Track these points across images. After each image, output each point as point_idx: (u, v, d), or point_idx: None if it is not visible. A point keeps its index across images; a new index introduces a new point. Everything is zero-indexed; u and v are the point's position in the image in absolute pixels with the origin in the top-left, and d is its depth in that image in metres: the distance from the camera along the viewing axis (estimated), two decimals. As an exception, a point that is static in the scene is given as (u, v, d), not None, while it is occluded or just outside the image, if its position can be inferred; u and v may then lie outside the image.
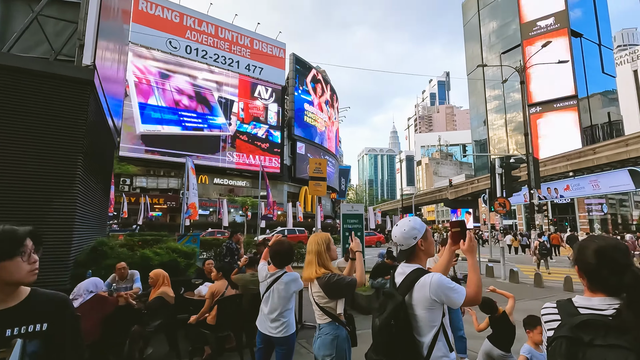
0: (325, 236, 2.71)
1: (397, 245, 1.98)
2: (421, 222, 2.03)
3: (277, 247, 3.10)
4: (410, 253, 1.96)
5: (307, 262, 2.63)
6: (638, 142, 27.33)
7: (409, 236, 1.93)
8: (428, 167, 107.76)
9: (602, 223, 57.04)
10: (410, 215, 62.53)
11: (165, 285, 4.42)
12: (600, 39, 68.58)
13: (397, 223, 2.02)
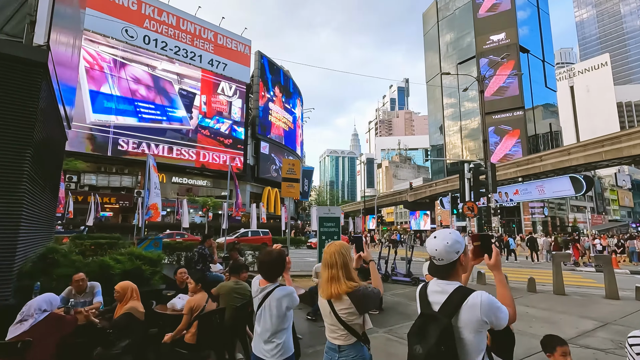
0: (345, 245, 2.42)
1: (435, 259, 1.75)
2: (459, 234, 1.83)
3: (264, 257, 2.75)
4: (451, 269, 1.75)
5: (330, 277, 2.29)
6: (578, 151, 29.94)
7: (452, 250, 1.72)
8: (388, 170, 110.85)
9: (543, 225, 62.05)
10: (371, 216, 63.93)
11: (134, 299, 3.89)
12: (544, 55, 74.75)
13: (434, 235, 1.79)
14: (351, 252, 2.46)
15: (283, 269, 2.74)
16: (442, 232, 1.78)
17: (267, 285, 2.67)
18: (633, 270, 15.36)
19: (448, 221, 64.41)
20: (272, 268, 2.68)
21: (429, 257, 1.83)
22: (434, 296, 1.74)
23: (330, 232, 8.30)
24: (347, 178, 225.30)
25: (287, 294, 2.58)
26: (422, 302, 1.78)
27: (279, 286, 2.64)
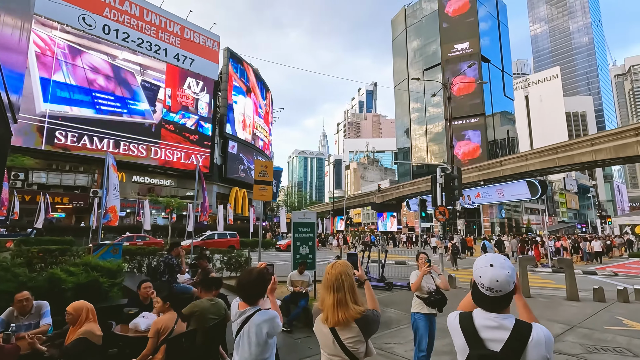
0: (350, 265, 2.15)
1: (492, 290, 1.46)
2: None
3: (242, 277, 2.45)
4: (508, 301, 1.52)
5: (337, 301, 2.01)
6: (535, 157, 31.79)
7: (511, 280, 1.48)
8: (356, 172, 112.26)
9: (501, 226, 65.61)
10: (339, 217, 64.34)
11: (90, 321, 3.39)
12: (503, 65, 79.05)
13: (489, 262, 1.51)
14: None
15: (264, 291, 2.44)
16: (497, 259, 1.53)
17: (246, 308, 2.36)
18: (585, 270, 16.39)
19: (413, 222, 66.26)
20: (251, 289, 2.37)
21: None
22: (489, 332, 1.48)
23: (305, 238, 8.02)
24: (316, 179, 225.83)
25: (268, 319, 2.28)
26: (471, 339, 1.51)
27: (259, 310, 2.34)
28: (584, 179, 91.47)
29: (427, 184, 43.07)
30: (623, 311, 7.93)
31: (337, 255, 10.65)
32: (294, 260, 7.85)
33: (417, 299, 4.53)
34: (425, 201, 16.62)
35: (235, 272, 11.78)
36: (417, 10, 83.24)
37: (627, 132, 25.64)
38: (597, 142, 27.07)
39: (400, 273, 13.19)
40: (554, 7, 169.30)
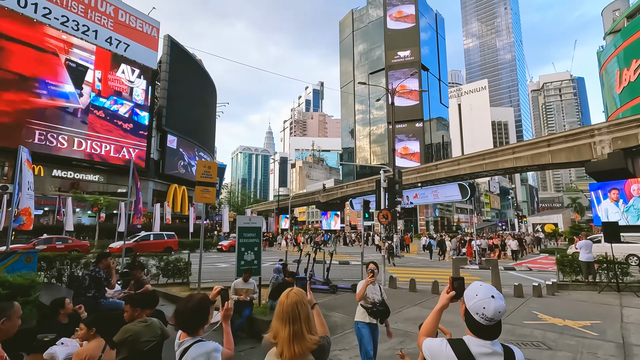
0: (303, 292, 2.03)
1: (492, 320, 1.54)
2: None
3: (179, 306, 2.26)
4: (500, 327, 1.61)
5: (293, 334, 1.85)
6: (466, 162, 34.62)
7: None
8: (301, 170, 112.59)
9: (435, 224, 70.53)
10: (284, 216, 64.09)
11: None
12: (440, 74, 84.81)
13: (490, 294, 1.57)
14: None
15: (205, 320, 2.24)
16: (494, 290, 1.60)
17: (185, 339, 2.16)
18: (506, 267, 18.20)
19: (356, 221, 68.33)
20: (188, 319, 2.16)
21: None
22: (485, 359, 1.57)
23: (251, 244, 7.75)
24: (260, 176, 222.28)
25: (204, 353, 2.09)
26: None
27: (198, 342, 2.14)
28: (505, 182, 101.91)
29: (370, 184, 44.69)
30: (538, 305, 8.90)
31: (281, 259, 10.50)
32: (238, 267, 7.55)
33: (360, 308, 4.57)
34: (368, 202, 17.15)
35: (173, 278, 11.05)
36: (363, 15, 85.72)
37: (541, 142, 29.03)
38: (517, 151, 30.28)
39: (345, 274, 13.42)
40: (484, 24, 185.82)
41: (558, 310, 8.33)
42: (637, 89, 48.66)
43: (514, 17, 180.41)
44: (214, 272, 13.34)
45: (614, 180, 24.16)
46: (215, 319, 2.68)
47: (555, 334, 6.51)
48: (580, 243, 11.77)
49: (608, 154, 24.23)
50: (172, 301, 8.99)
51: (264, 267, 13.33)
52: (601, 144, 24.54)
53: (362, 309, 4.53)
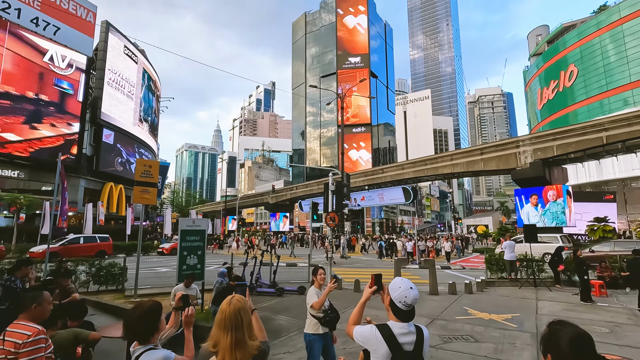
0: (245, 299, 2.02)
1: (411, 306, 1.99)
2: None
3: (128, 313, 2.16)
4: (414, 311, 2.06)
5: (235, 341, 1.81)
6: (410, 167, 36.54)
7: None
8: (251, 170, 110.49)
9: (380, 225, 73.37)
10: (231, 217, 62.33)
11: None
12: (388, 82, 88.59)
13: (409, 286, 2.01)
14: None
15: (155, 327, 2.15)
16: (412, 284, 2.03)
17: (137, 348, 2.06)
18: (443, 266, 19.52)
19: (305, 222, 68.56)
20: (136, 326, 2.07)
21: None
22: (404, 338, 1.96)
23: (194, 247, 7.45)
24: (207, 176, 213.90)
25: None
26: (393, 345, 1.94)
27: (148, 350, 2.06)
28: (444, 186, 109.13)
29: (319, 186, 45.18)
30: (469, 301, 9.68)
31: (226, 262, 10.24)
32: (180, 272, 7.22)
33: (312, 319, 4.13)
34: (317, 205, 17.37)
35: (106, 285, 10.21)
36: (316, 19, 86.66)
37: (475, 151, 31.62)
38: (455, 158, 32.65)
39: (292, 276, 13.43)
40: (428, 38, 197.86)
41: (485, 305, 9.14)
42: (555, 106, 55.18)
43: (455, 33, 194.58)
44: (153, 278, 12.58)
45: (535, 186, 27.11)
46: (173, 328, 2.61)
47: (482, 327, 7.14)
48: (505, 243, 13.03)
49: (530, 163, 27.12)
50: (105, 310, 8.31)
51: (208, 271, 12.87)
52: (524, 154, 27.42)
53: (313, 319, 4.09)
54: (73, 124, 33.48)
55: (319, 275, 4.40)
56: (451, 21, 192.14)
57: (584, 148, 25.31)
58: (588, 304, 9.31)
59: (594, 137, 24.49)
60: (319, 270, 4.47)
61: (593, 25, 49.17)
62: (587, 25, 50.72)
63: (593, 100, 47.85)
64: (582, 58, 49.87)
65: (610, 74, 45.87)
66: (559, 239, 19.53)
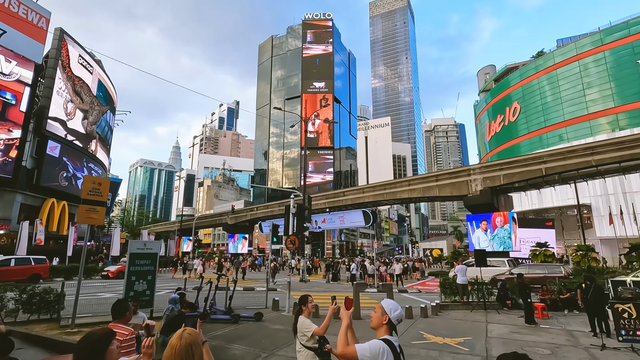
0: (197, 332, 1.93)
1: (399, 321, 2.55)
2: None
3: (76, 343, 2.04)
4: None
5: None
6: (370, 191, 37.45)
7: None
8: (210, 190, 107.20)
9: (340, 248, 73.59)
10: (187, 238, 59.56)
11: None
12: (350, 108, 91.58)
13: (397, 305, 2.58)
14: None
15: (101, 357, 2.00)
16: (399, 305, 2.56)
17: None
18: (400, 289, 19.85)
19: (264, 244, 67.13)
20: (84, 355, 1.94)
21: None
22: (398, 348, 2.40)
23: (144, 272, 6.99)
24: (163, 194, 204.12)
25: None
26: (396, 355, 2.33)
27: None
28: (402, 210, 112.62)
29: (280, 207, 44.76)
30: (424, 326, 9.87)
31: (179, 288, 9.70)
32: (127, 292, 6.70)
33: (306, 351, 3.65)
34: (277, 227, 17.15)
35: (39, 314, 9.18)
36: (283, 43, 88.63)
37: (431, 177, 33.20)
38: (413, 183, 34.02)
39: (249, 302, 12.94)
40: (389, 69, 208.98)
41: (439, 329, 9.37)
42: (501, 138, 59.89)
43: (413, 66, 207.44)
44: (95, 305, 11.50)
45: (484, 213, 28.83)
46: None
47: (437, 351, 7.28)
48: (457, 267, 13.59)
49: (480, 191, 28.94)
50: (35, 343, 7.43)
51: (159, 296, 12.10)
52: (475, 182, 29.26)
53: (309, 352, 3.62)
54: (14, 130, 30.83)
55: (309, 304, 4.03)
56: (410, 55, 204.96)
57: (526, 178, 27.51)
58: (532, 326, 9.86)
59: (535, 168, 26.77)
60: (308, 298, 4.08)
61: (532, 68, 54.77)
62: (527, 67, 56.40)
63: (534, 134, 52.59)
64: (524, 96, 55.03)
65: (548, 112, 50.93)
66: (506, 263, 20.73)
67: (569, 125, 47.89)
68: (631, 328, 7.53)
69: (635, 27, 43.11)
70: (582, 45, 48.14)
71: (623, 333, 7.56)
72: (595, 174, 27.05)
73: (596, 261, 25.06)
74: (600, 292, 8.93)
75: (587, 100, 46.30)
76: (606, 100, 44.56)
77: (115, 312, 3.75)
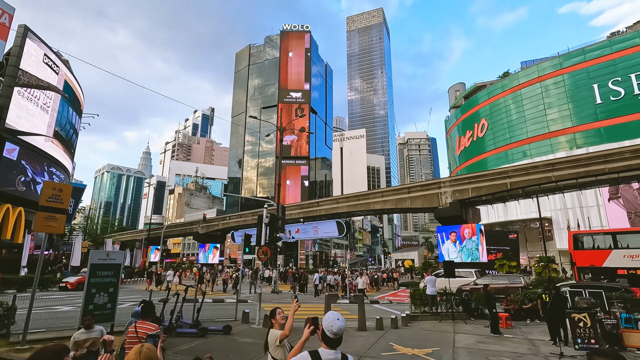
0: (155, 349, 1.88)
1: (337, 335, 2.38)
2: None
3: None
4: (341, 340, 2.47)
5: None
6: (344, 202, 37.68)
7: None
8: (181, 197, 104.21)
9: (313, 258, 73.25)
10: (154, 247, 57.34)
11: None
12: (327, 119, 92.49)
13: (337, 317, 2.41)
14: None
15: None
16: (339, 315, 2.44)
17: None
18: (372, 300, 19.97)
19: (237, 254, 65.70)
20: None
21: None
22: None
23: (105, 284, 6.64)
24: (131, 201, 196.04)
25: None
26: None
27: None
28: (375, 221, 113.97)
29: (253, 217, 44.07)
30: (394, 337, 9.95)
31: (143, 300, 9.25)
32: (85, 312, 6.33)
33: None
34: (250, 236, 16.87)
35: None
36: (261, 52, 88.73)
37: (404, 189, 33.93)
38: (386, 195, 34.60)
39: (218, 314, 12.53)
40: (365, 82, 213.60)
41: (409, 340, 9.47)
42: (470, 153, 62.35)
43: (388, 80, 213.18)
44: (50, 319, 10.73)
45: (454, 224, 29.71)
46: None
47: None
48: (427, 278, 13.86)
49: (450, 203, 29.83)
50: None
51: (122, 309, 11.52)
52: (445, 194, 30.17)
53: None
54: (-34, 134, 28.77)
55: (278, 316, 3.96)
56: (385, 69, 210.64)
57: (493, 192, 28.69)
58: (497, 335, 10.18)
59: (501, 182, 27.99)
60: (277, 310, 4.04)
61: (499, 87, 57.75)
62: (494, 86, 59.41)
63: (500, 150, 55.15)
64: (491, 114, 57.77)
65: (513, 129, 53.69)
66: (473, 274, 21.38)
67: (532, 142, 50.59)
68: (586, 336, 7.94)
69: (590, 54, 46.60)
70: (543, 68, 51.38)
71: (579, 341, 7.96)
72: (555, 189, 28.61)
73: (556, 272, 26.34)
74: (561, 302, 9.38)
75: (548, 120, 49.24)
76: (565, 120, 47.59)
77: (143, 312, 4.85)
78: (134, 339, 4.31)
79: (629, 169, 23.29)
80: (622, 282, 15.52)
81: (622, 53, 43.66)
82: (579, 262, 18.12)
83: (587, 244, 18.45)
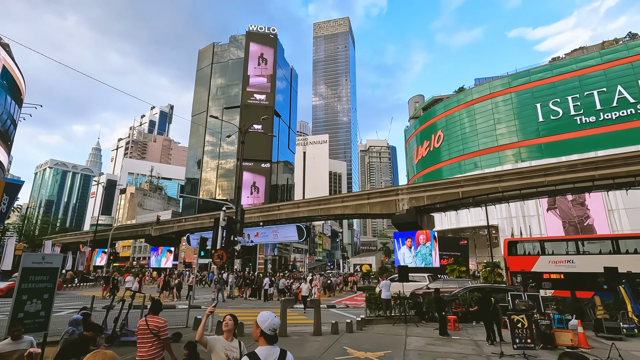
0: (110, 354, 1.79)
1: (274, 331, 2.59)
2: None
3: None
4: (277, 337, 2.70)
5: None
6: (305, 206, 37.76)
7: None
8: (133, 197, 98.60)
9: (272, 263, 72.37)
10: (101, 250, 53.63)
11: None
12: (290, 122, 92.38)
13: (273, 316, 2.63)
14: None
15: None
16: (273, 314, 2.63)
17: None
18: (329, 304, 20.06)
19: (192, 258, 63.22)
20: None
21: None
22: (269, 357, 2.48)
23: (39, 289, 6.06)
24: (76, 200, 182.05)
25: None
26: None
27: None
28: (335, 226, 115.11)
29: (211, 220, 42.71)
30: (348, 341, 10.06)
31: (85, 307, 8.67)
32: (12, 321, 5.73)
33: None
34: (205, 240, 16.30)
35: None
36: (225, 52, 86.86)
37: (363, 195, 34.67)
38: (346, 200, 35.14)
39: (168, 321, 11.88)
40: (329, 88, 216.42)
41: (363, 344, 9.63)
42: (427, 162, 65.21)
43: (352, 88, 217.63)
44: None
45: (410, 231, 30.84)
46: None
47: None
48: (382, 283, 14.21)
49: (406, 210, 30.95)
50: None
51: (59, 317, 10.64)
52: (402, 201, 31.26)
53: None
54: None
55: (223, 322, 3.89)
56: (349, 77, 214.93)
57: (446, 200, 30.17)
58: (445, 337, 10.64)
59: (454, 191, 29.53)
60: (226, 317, 3.94)
61: (455, 101, 61.15)
62: (450, 100, 62.81)
63: (454, 160, 58.25)
64: (447, 126, 60.94)
65: (466, 142, 57.00)
66: (426, 278, 22.27)
67: (482, 155, 53.97)
68: (524, 336, 8.54)
69: (534, 75, 50.83)
70: (494, 85, 55.20)
71: (517, 341, 8.54)
72: (501, 199, 30.69)
73: (500, 276, 28.14)
74: (487, 304, 10.16)
75: (497, 134, 52.87)
76: (512, 135, 51.37)
77: (152, 309, 5.26)
78: (145, 332, 4.63)
79: (565, 182, 25.60)
80: (547, 285, 17.17)
81: (561, 77, 48.12)
82: (512, 267, 19.49)
83: (519, 250, 19.90)
